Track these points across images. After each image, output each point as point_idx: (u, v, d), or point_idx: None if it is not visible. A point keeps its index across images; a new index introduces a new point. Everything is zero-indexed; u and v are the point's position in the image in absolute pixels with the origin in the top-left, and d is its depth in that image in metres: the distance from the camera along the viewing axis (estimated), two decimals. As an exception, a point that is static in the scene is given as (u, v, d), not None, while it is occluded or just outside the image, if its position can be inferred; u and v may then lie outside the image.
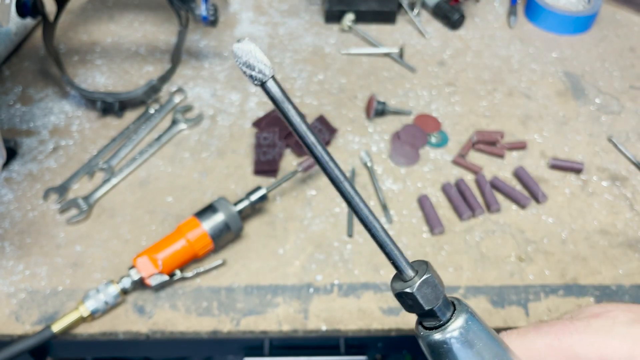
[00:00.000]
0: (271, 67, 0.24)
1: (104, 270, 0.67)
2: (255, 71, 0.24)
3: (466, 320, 0.28)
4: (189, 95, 0.88)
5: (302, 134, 0.26)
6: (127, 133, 0.82)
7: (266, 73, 0.24)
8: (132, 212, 0.73)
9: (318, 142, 0.26)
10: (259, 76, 0.24)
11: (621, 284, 0.67)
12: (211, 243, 0.66)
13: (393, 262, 0.28)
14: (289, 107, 0.25)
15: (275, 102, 0.25)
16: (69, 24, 1.01)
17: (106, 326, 0.63)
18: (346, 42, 0.99)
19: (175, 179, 0.77)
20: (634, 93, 0.91)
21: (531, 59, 0.97)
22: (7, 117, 0.84)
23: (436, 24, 1.04)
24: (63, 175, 0.77)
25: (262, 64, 0.24)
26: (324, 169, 0.27)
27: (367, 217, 0.28)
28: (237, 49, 0.24)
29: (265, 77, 0.24)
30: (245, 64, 0.24)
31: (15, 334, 0.62)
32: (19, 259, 0.68)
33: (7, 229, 0.71)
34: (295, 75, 0.92)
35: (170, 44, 0.97)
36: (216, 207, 0.66)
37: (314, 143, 0.26)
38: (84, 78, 0.91)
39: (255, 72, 0.24)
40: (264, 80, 0.24)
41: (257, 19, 1.03)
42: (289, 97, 0.25)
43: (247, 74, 0.24)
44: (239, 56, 0.24)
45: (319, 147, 0.26)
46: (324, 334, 0.63)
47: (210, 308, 0.64)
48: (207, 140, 0.82)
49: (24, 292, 0.65)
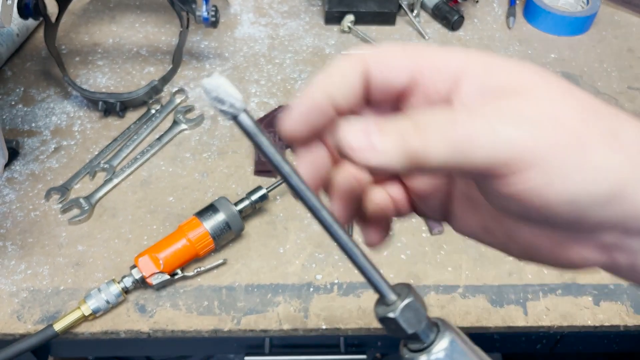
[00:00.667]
0: (242, 100, 0.24)
1: (106, 269, 0.67)
2: (226, 106, 0.24)
3: (450, 341, 0.28)
4: (190, 95, 0.89)
5: (277, 165, 0.26)
6: (129, 133, 0.83)
7: (237, 107, 0.24)
8: (134, 211, 0.73)
9: (293, 172, 0.26)
10: (231, 110, 0.24)
11: (619, 283, 0.67)
12: (212, 242, 0.66)
13: (374, 287, 0.29)
14: (262, 139, 0.25)
15: (248, 136, 0.25)
16: (71, 25, 1.01)
17: (108, 325, 0.63)
18: (346, 43, 1.00)
19: (176, 179, 0.77)
20: (632, 94, 0.92)
21: (530, 60, 0.98)
22: (9, 118, 0.85)
23: (435, 25, 1.04)
24: (65, 175, 0.77)
25: (232, 98, 0.24)
26: (300, 199, 0.27)
27: (347, 244, 0.28)
28: (206, 84, 0.24)
29: (237, 111, 0.24)
30: (215, 99, 0.24)
31: (17, 333, 0.62)
32: (21, 259, 0.68)
33: (9, 229, 0.71)
34: (295, 76, 0.93)
35: (171, 45, 0.97)
36: (217, 207, 0.67)
37: (288, 173, 0.26)
38: (85, 79, 0.91)
39: (226, 106, 0.24)
40: (236, 115, 0.24)
41: (258, 20, 1.04)
42: (261, 129, 0.25)
43: (218, 108, 0.24)
44: (209, 91, 0.24)
45: (295, 177, 0.26)
46: (324, 333, 0.64)
47: (211, 307, 0.65)
48: (208, 141, 0.82)
49: (25, 292, 0.65)
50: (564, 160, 0.23)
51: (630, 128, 0.25)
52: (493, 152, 0.24)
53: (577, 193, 0.24)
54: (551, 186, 0.24)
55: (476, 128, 0.24)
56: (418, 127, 0.25)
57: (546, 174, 0.24)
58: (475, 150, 0.24)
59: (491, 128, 0.24)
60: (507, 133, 0.24)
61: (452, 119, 0.25)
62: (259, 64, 0.95)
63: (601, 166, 0.24)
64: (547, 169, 0.23)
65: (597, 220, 0.25)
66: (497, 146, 0.24)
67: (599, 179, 0.24)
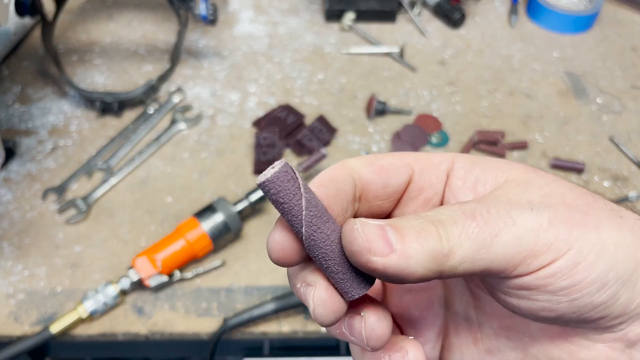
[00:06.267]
0: None
1: (103, 270, 0.67)
2: None
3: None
4: (189, 95, 0.88)
5: None
6: (126, 133, 0.82)
7: None
8: (132, 212, 0.73)
9: None
10: None
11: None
12: (211, 243, 0.66)
13: None
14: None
15: None
16: (68, 24, 1.01)
17: (105, 327, 0.62)
18: (346, 41, 0.99)
19: (174, 179, 0.77)
20: (635, 93, 0.91)
21: (532, 59, 0.97)
22: (5, 117, 0.84)
23: (437, 23, 1.03)
24: (62, 176, 0.76)
25: None
26: None
27: None
28: None
29: None
30: None
31: (14, 334, 0.62)
32: (18, 260, 0.68)
33: (5, 230, 0.70)
34: (295, 75, 0.92)
35: (169, 44, 0.97)
36: (216, 208, 0.66)
37: None
38: (82, 78, 0.91)
39: None
40: None
41: (257, 18, 1.03)
42: None
43: None
44: None
45: None
46: (323, 335, 0.63)
47: (209, 309, 0.64)
48: (207, 140, 0.82)
49: (22, 293, 0.65)
50: (586, 241, 0.23)
51: (624, 208, 0.25)
52: (517, 241, 0.23)
53: (606, 271, 0.23)
54: (579, 268, 0.23)
55: (497, 221, 0.23)
56: (439, 225, 0.23)
57: (571, 258, 0.23)
58: (500, 245, 0.23)
59: (510, 219, 0.23)
60: (527, 221, 0.23)
61: (470, 213, 0.23)
62: (258, 62, 0.94)
63: (621, 244, 0.23)
64: (571, 252, 0.23)
65: (626, 301, 0.24)
66: (520, 235, 0.23)
67: (620, 258, 0.23)
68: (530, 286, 0.23)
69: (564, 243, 0.23)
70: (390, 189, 0.27)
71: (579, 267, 0.23)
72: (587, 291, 0.23)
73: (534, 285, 0.23)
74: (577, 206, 0.24)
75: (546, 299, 0.23)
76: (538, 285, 0.23)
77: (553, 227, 0.23)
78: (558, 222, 0.23)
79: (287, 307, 0.62)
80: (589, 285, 0.23)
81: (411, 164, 0.28)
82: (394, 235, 0.23)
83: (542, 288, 0.23)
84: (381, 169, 0.27)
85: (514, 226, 0.23)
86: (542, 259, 0.23)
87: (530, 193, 0.24)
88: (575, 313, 0.24)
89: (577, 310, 0.23)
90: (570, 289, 0.23)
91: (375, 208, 0.28)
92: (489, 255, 0.23)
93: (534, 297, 0.24)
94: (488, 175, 0.27)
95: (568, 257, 0.23)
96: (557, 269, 0.23)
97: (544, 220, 0.23)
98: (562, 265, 0.23)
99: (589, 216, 0.24)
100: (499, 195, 0.25)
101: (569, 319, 0.24)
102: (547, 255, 0.23)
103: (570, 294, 0.23)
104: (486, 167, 0.27)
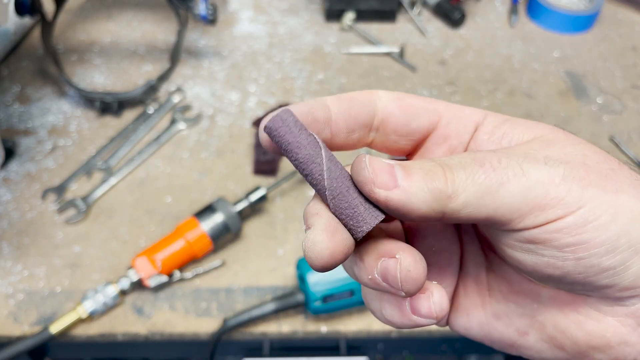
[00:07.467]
0: None
1: (103, 270, 0.67)
2: None
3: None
4: (188, 94, 0.88)
5: None
6: (126, 133, 0.82)
7: None
8: (131, 212, 0.73)
9: None
10: None
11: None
12: (210, 243, 0.65)
13: None
14: None
15: None
16: (68, 23, 1.00)
17: (105, 327, 0.62)
18: (346, 41, 0.99)
19: (174, 179, 0.77)
20: (635, 92, 0.91)
21: (532, 58, 0.97)
22: (5, 117, 0.84)
23: (437, 23, 1.03)
24: (61, 176, 0.76)
25: None
26: None
27: None
28: None
29: None
30: None
31: (14, 335, 0.62)
32: (17, 260, 0.68)
33: (5, 230, 0.70)
34: (295, 74, 0.92)
35: (169, 43, 0.96)
36: (215, 208, 0.66)
37: None
38: (82, 77, 0.90)
39: None
40: None
41: (257, 18, 1.03)
42: None
43: None
44: None
45: None
46: (324, 336, 0.63)
47: (209, 309, 0.64)
48: (207, 140, 0.81)
49: (22, 293, 0.65)
50: (600, 203, 0.22)
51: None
52: (525, 193, 0.22)
53: (618, 236, 0.22)
54: (588, 227, 0.22)
55: (506, 171, 0.23)
56: (447, 168, 0.23)
57: (581, 216, 0.22)
58: (506, 194, 0.23)
59: (521, 170, 0.23)
60: (538, 174, 0.23)
61: (480, 161, 0.23)
62: (257, 62, 0.94)
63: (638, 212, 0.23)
64: (582, 210, 0.22)
65: (637, 272, 0.23)
66: (529, 186, 0.22)
67: (637, 226, 0.23)
68: (536, 239, 0.23)
69: (576, 200, 0.22)
70: (411, 127, 0.28)
71: (588, 226, 0.22)
72: (595, 252, 0.23)
73: (540, 238, 0.23)
74: (600, 169, 0.23)
75: (552, 254, 0.23)
76: (544, 239, 0.23)
77: (566, 183, 0.23)
78: (572, 179, 0.23)
79: (286, 307, 0.62)
80: (597, 246, 0.22)
81: (441, 111, 0.28)
82: (401, 173, 0.23)
83: (548, 242, 0.23)
84: (408, 106, 0.27)
85: (523, 177, 0.23)
86: (551, 214, 0.22)
87: (551, 150, 0.24)
88: (582, 274, 0.23)
89: (583, 271, 0.23)
90: (577, 246, 0.23)
91: (391, 142, 0.28)
92: (494, 202, 0.23)
93: (540, 252, 0.23)
94: (515, 132, 0.26)
95: (578, 215, 0.22)
96: (564, 224, 0.22)
97: (556, 176, 0.23)
98: (570, 222, 0.22)
99: (609, 180, 0.23)
100: (516, 149, 0.24)
101: (574, 280, 0.24)
102: (556, 210, 0.22)
103: (576, 251, 0.23)
104: (516, 125, 0.27)
